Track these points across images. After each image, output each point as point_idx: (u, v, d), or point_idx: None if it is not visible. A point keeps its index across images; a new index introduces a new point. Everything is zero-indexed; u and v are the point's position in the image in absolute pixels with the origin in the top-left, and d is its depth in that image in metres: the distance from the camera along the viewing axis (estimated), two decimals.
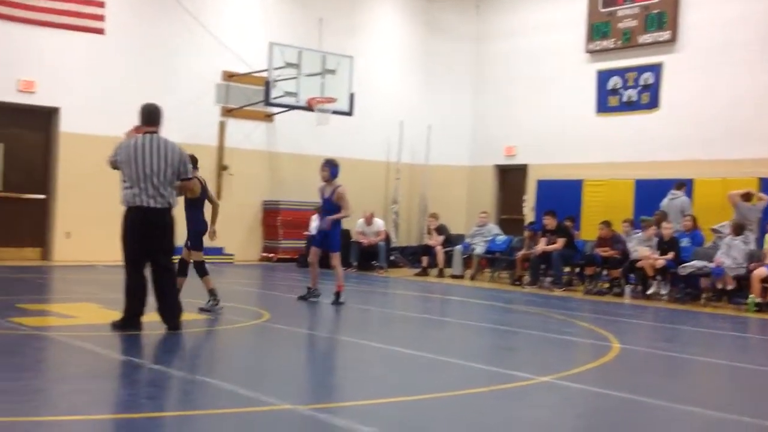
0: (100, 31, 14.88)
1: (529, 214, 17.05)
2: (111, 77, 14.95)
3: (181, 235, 7.63)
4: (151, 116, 7.10)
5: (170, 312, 7.05)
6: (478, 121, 18.94)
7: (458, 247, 15.36)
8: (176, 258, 7.61)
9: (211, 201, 8.55)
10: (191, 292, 8.46)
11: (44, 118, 14.79)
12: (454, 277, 15.05)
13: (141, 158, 6.85)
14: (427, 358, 6.52)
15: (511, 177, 18.38)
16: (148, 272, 7.04)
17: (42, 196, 14.91)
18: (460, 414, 4.80)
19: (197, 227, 8.38)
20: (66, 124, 14.62)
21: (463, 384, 5.63)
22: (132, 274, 6.98)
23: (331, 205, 9.57)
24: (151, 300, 6.98)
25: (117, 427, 4.14)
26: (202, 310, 8.27)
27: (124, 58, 15.12)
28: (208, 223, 8.45)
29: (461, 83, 19.09)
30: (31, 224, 14.81)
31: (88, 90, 14.70)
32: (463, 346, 7.63)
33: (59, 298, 10.09)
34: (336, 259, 9.68)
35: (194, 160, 8.15)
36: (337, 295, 9.57)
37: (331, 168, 9.60)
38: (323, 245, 9.75)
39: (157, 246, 6.99)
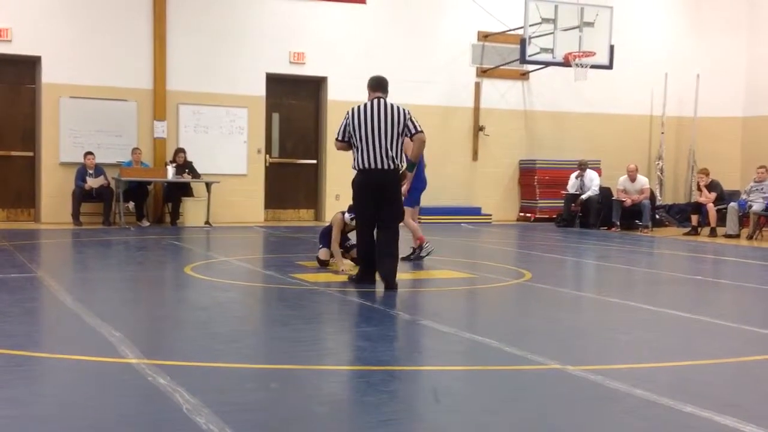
0: (361, 0, 15.52)
1: None
2: (373, 45, 15.55)
3: None
4: (380, 83, 7.32)
5: (393, 272, 7.14)
6: (755, 67, 17.35)
7: (733, 204, 14.34)
8: None
9: None
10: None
11: (313, 88, 15.76)
12: (728, 236, 14.06)
13: (371, 120, 7.02)
14: (702, 322, 6.15)
15: None
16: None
17: (313, 161, 15.95)
18: (740, 381, 4.48)
19: None
20: (332, 92, 15.47)
21: (744, 350, 5.25)
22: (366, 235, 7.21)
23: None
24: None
25: (393, 377, 4.35)
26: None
27: (384, 25, 15.67)
28: None
29: (734, 25, 17.57)
30: (305, 187, 15.95)
31: (351, 59, 15.40)
32: (742, 310, 7.09)
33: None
34: (405, 214, 9.42)
35: None
36: (420, 248, 9.28)
37: None
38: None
39: (387, 207, 7.13)
